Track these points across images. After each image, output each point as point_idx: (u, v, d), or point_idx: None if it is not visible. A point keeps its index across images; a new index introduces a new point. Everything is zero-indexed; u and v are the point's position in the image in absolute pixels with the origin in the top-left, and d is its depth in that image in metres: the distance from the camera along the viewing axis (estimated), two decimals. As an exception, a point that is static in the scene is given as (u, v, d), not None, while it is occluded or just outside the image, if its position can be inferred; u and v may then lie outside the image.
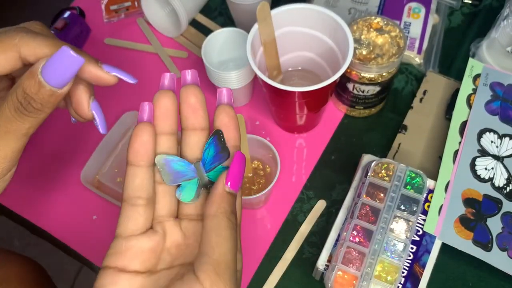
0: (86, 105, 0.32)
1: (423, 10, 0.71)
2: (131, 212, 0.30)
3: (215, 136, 0.31)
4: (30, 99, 0.28)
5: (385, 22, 0.59)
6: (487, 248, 0.54)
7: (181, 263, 0.31)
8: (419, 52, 0.69)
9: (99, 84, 0.31)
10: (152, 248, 0.30)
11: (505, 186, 0.57)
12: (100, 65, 0.31)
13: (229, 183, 0.30)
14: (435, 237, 0.54)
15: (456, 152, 0.59)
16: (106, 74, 0.31)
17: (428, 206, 0.56)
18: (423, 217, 0.55)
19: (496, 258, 0.53)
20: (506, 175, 0.58)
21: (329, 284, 0.50)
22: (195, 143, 0.32)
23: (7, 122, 0.29)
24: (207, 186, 0.32)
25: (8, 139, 0.30)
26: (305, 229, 0.59)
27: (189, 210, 0.32)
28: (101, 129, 0.33)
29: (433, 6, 0.72)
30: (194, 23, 0.75)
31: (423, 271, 0.52)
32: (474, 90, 0.62)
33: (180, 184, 0.31)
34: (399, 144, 0.63)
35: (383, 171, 0.55)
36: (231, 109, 0.31)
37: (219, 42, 0.64)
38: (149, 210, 0.30)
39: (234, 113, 0.32)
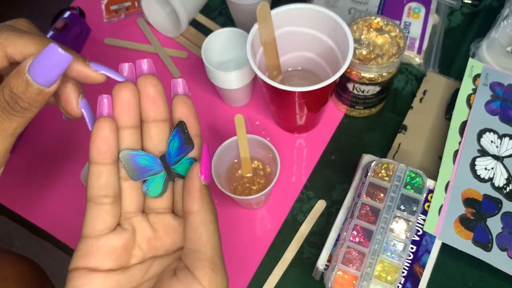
0: (74, 103, 0.32)
1: (423, 10, 0.71)
2: (98, 211, 0.29)
3: (179, 127, 0.31)
4: (18, 98, 0.28)
5: (385, 22, 0.59)
6: (487, 248, 0.54)
7: (153, 255, 0.31)
8: (419, 52, 0.69)
9: (87, 82, 0.31)
10: (123, 246, 0.30)
11: (505, 186, 0.57)
12: (88, 63, 0.30)
13: (203, 176, 0.30)
14: (435, 237, 0.54)
15: (456, 152, 0.59)
16: (94, 72, 0.30)
17: (428, 206, 0.56)
18: (423, 217, 0.55)
19: (496, 258, 0.53)
20: (506, 175, 0.58)
21: (329, 284, 0.50)
22: (157, 135, 0.31)
23: None
24: (174, 179, 0.32)
25: None
26: (305, 229, 0.59)
27: (156, 204, 0.32)
28: (90, 127, 0.32)
29: (433, 6, 0.72)
30: (194, 23, 0.75)
31: (423, 271, 0.52)
32: (474, 90, 0.62)
33: (146, 179, 0.31)
34: (399, 144, 0.63)
35: (383, 171, 0.55)
36: (188, 98, 0.31)
37: (219, 42, 0.64)
38: (116, 207, 0.30)
39: (192, 103, 0.31)
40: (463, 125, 0.60)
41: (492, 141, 0.59)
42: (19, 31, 0.30)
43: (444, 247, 0.54)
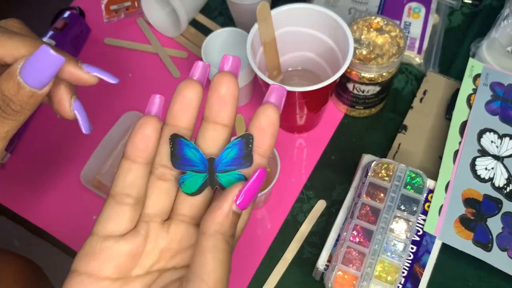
0: (67, 105, 0.31)
1: (423, 10, 0.71)
2: (115, 210, 0.27)
3: (244, 139, 0.27)
4: (9, 101, 0.27)
5: (385, 22, 0.59)
6: (487, 248, 0.54)
7: (160, 268, 0.28)
8: (419, 52, 0.69)
9: (79, 84, 0.30)
10: (130, 251, 0.27)
11: (505, 186, 0.57)
12: (80, 64, 0.30)
13: (238, 202, 0.26)
14: (435, 237, 0.54)
15: (456, 152, 0.59)
16: (86, 74, 0.30)
17: (428, 206, 0.56)
18: (423, 217, 0.55)
19: (496, 258, 0.53)
20: (506, 175, 0.58)
21: (329, 284, 0.50)
22: (212, 138, 0.28)
23: None
24: (214, 187, 0.28)
25: None
26: (305, 229, 0.59)
27: (184, 210, 0.29)
28: (84, 129, 0.31)
29: (433, 6, 0.72)
30: (194, 23, 0.75)
31: (423, 271, 0.52)
32: (474, 90, 0.62)
33: (185, 172, 0.28)
34: (399, 144, 0.63)
35: (383, 171, 0.55)
36: (275, 112, 0.27)
37: (219, 42, 0.64)
38: (136, 211, 0.27)
39: (277, 119, 0.27)
40: (463, 125, 0.60)
41: (492, 141, 0.59)
42: (10, 32, 0.29)
43: (444, 247, 0.54)
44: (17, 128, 0.29)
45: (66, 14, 0.71)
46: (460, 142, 0.59)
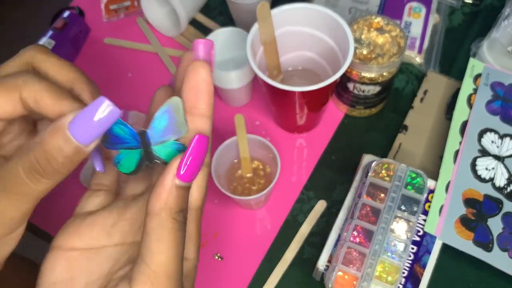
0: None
1: (423, 10, 0.71)
2: (92, 192, 0.29)
3: (172, 105, 0.24)
4: (51, 158, 0.23)
5: (386, 22, 0.59)
6: (487, 248, 0.53)
7: (131, 241, 0.28)
8: (419, 51, 0.68)
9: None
10: (100, 223, 0.27)
11: (505, 186, 0.57)
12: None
13: (182, 173, 0.24)
14: (435, 237, 0.54)
15: (456, 152, 0.59)
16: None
17: (429, 206, 0.55)
18: (424, 217, 0.55)
19: (496, 258, 0.53)
20: (506, 175, 0.57)
21: (330, 285, 0.49)
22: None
23: (17, 184, 0.24)
24: (152, 162, 0.26)
25: (17, 201, 0.25)
26: (305, 229, 0.59)
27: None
28: (97, 167, 0.29)
29: (434, 5, 0.72)
30: (193, 22, 0.75)
31: (423, 271, 0.52)
32: (475, 90, 0.62)
33: (119, 152, 0.26)
34: (400, 144, 0.62)
35: (383, 171, 0.55)
36: (206, 68, 0.25)
37: (219, 42, 0.64)
38: (110, 196, 0.29)
39: (210, 75, 0.25)
40: (464, 125, 0.60)
41: (492, 141, 0.59)
42: (38, 77, 0.26)
43: (445, 248, 0.54)
44: (52, 188, 0.26)
45: (66, 13, 0.71)
46: (460, 142, 0.59)
